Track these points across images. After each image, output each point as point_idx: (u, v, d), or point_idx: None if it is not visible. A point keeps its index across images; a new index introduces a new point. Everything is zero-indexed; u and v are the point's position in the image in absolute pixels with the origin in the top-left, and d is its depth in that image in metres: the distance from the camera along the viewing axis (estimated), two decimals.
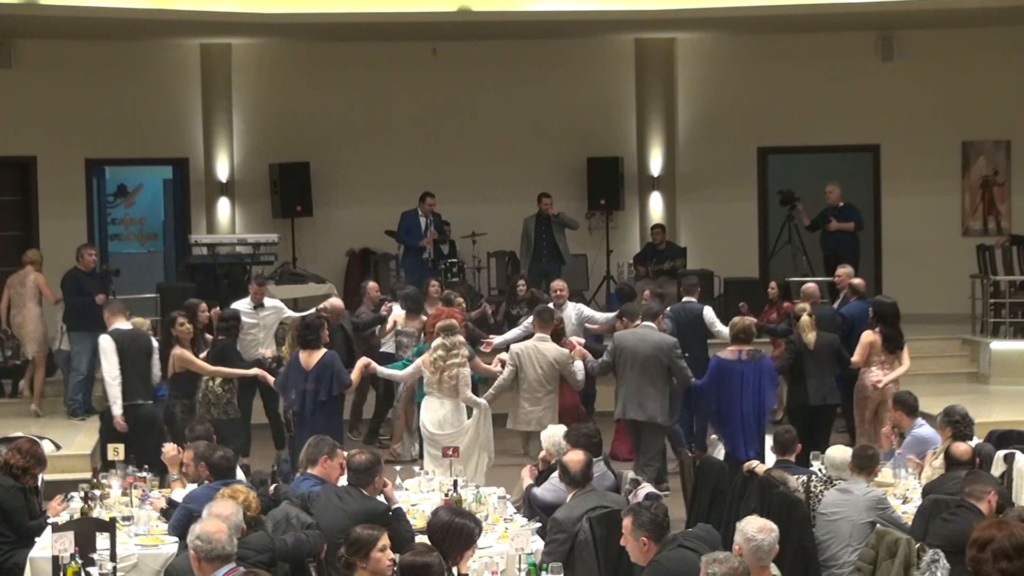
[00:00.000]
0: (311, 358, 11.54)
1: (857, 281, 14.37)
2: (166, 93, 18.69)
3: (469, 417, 11.64)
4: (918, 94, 19.16)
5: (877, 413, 12.29)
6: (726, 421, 11.64)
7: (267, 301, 14.12)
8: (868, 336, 12.50)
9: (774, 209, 19.09)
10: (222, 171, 18.93)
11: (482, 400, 11.71)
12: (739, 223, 19.28)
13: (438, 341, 11.62)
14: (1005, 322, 16.68)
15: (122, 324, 12.08)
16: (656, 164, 19.54)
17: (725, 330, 12.92)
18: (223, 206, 18.97)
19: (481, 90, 19.19)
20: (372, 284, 15.10)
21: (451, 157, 19.03)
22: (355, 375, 11.83)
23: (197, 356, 12.18)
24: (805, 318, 12.37)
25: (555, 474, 9.55)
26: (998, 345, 16.37)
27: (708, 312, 13.66)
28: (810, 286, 14.18)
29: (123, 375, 11.78)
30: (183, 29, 17.75)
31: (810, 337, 12.27)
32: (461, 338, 11.66)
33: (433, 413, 11.53)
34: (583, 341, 13.13)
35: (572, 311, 13.95)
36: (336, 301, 13.97)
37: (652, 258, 18.22)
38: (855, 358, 12.49)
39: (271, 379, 12.06)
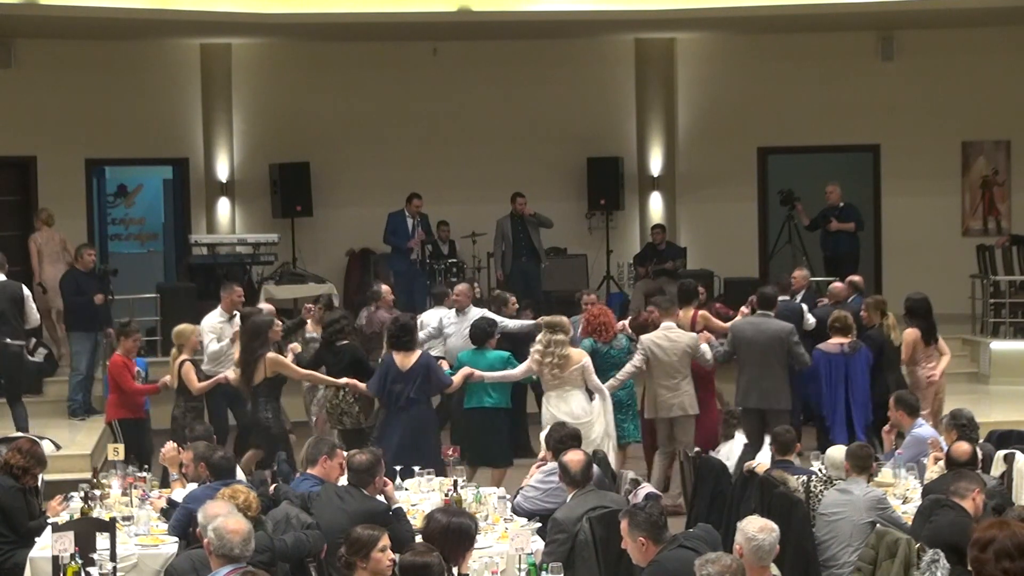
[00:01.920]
0: (407, 360, 11.41)
1: (857, 279, 14.74)
2: (166, 93, 18.69)
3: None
4: (918, 94, 19.16)
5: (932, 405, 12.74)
6: (836, 411, 12.11)
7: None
8: (911, 334, 12.81)
9: (774, 209, 19.09)
10: (222, 171, 18.93)
11: (604, 387, 11.72)
12: (739, 223, 19.28)
13: (539, 336, 11.72)
14: (1005, 322, 16.69)
15: None
16: (656, 164, 19.54)
17: (812, 321, 13.69)
18: (223, 206, 18.96)
19: (481, 90, 19.19)
20: (386, 288, 14.70)
21: (451, 157, 19.03)
22: (457, 380, 11.69)
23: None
24: (892, 316, 12.95)
25: (530, 481, 9.58)
26: (998, 345, 16.37)
27: (804, 308, 14.10)
28: (837, 285, 14.50)
29: None
30: (183, 29, 17.75)
31: (897, 333, 12.83)
32: (562, 336, 11.63)
33: (564, 405, 11.50)
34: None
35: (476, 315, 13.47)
36: (269, 305, 13.64)
37: (652, 258, 18.23)
38: (903, 357, 12.84)
39: (362, 387, 11.77)
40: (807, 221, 17.88)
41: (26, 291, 13.31)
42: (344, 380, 11.84)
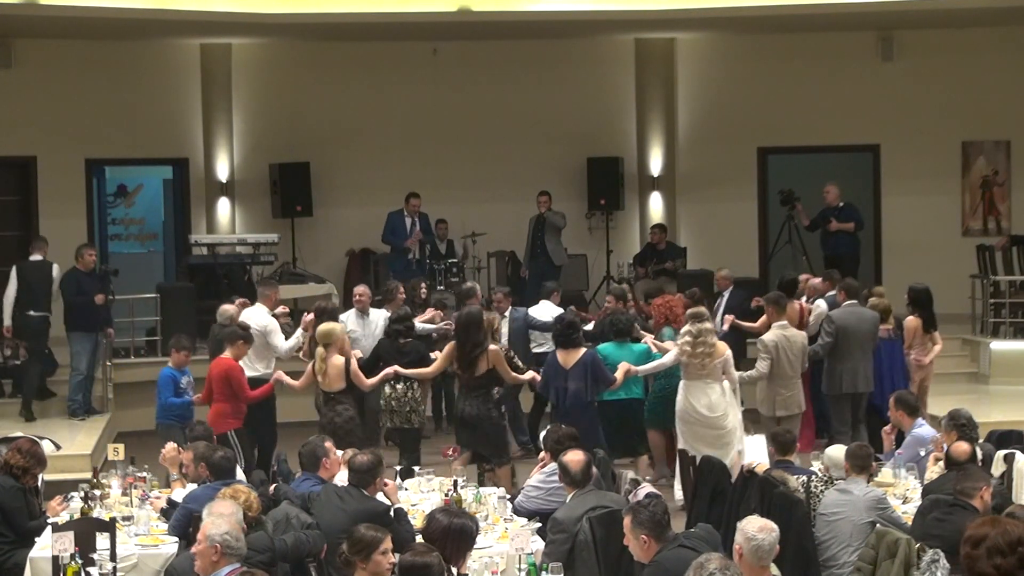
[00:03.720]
0: (570, 357, 11.48)
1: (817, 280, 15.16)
2: (166, 93, 18.69)
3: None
4: (918, 94, 19.16)
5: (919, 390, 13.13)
6: (886, 392, 12.27)
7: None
8: (912, 322, 13.34)
9: (774, 209, 19.08)
10: (222, 171, 18.93)
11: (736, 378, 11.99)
12: (739, 223, 19.28)
13: (686, 328, 11.79)
14: (1005, 322, 16.71)
15: (35, 256, 14.93)
16: (656, 164, 19.54)
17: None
18: (223, 206, 18.96)
19: (481, 90, 19.19)
20: (478, 286, 14.64)
21: (451, 157, 19.02)
22: (620, 376, 11.75)
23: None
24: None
25: (530, 481, 9.58)
26: (998, 345, 16.38)
27: None
28: (815, 282, 14.73)
29: (20, 293, 14.61)
30: (183, 29, 17.75)
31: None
32: (709, 325, 11.81)
33: (703, 396, 11.64)
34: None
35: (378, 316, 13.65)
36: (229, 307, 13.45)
37: (652, 258, 18.22)
38: (905, 344, 13.33)
39: (528, 377, 11.84)
40: (807, 222, 17.88)
41: (55, 271, 14.76)
42: (530, 374, 11.84)
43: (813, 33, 18.85)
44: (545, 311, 14.23)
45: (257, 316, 12.90)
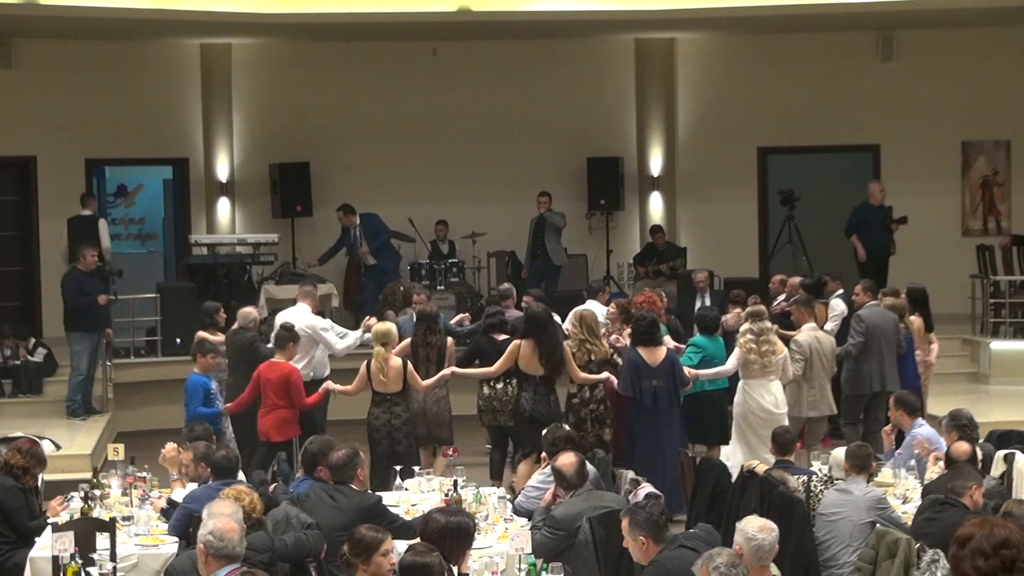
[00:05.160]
0: (655, 355, 11.56)
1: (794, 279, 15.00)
2: (166, 93, 18.69)
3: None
4: (918, 94, 19.17)
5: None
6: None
7: None
8: (915, 321, 13.34)
9: (774, 209, 19.09)
10: (222, 171, 18.93)
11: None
12: (739, 223, 19.29)
13: (746, 326, 11.86)
14: (1005, 322, 16.70)
15: (85, 211, 16.36)
16: (656, 164, 19.54)
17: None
18: (223, 206, 18.97)
19: (481, 90, 19.19)
20: (513, 287, 14.67)
21: (451, 157, 19.03)
22: (693, 373, 11.91)
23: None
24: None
25: (531, 482, 9.59)
26: (998, 345, 16.38)
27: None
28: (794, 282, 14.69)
29: (71, 251, 15.52)
30: (183, 29, 17.75)
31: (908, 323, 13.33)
32: (769, 323, 11.91)
33: (767, 394, 11.74)
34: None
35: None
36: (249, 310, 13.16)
37: (652, 258, 18.24)
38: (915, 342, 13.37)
39: (614, 381, 11.87)
40: (863, 253, 17.45)
41: (101, 226, 16.19)
42: (605, 375, 11.82)
43: (813, 33, 18.86)
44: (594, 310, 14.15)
45: (303, 316, 12.60)
